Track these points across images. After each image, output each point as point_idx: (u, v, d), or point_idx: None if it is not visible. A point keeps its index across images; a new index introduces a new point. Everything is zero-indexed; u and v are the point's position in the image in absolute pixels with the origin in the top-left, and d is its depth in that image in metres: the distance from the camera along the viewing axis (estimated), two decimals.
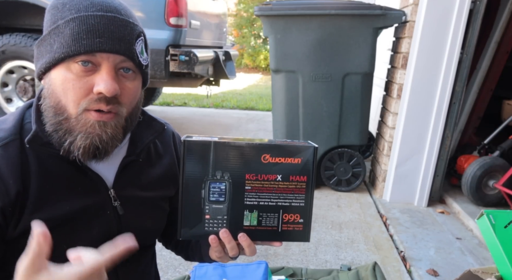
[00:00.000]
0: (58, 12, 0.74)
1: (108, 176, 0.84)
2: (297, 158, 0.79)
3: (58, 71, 0.73)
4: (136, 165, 0.87)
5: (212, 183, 0.79)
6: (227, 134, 4.63)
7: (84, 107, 0.73)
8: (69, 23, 0.71)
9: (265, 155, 0.78)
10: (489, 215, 0.89)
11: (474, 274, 0.88)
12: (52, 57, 0.72)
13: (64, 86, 0.73)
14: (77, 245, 0.80)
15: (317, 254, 2.08)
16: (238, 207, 0.80)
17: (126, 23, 0.75)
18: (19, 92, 3.79)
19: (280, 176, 0.79)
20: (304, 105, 2.82)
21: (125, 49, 0.74)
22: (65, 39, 0.71)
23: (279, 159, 0.78)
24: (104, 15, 0.72)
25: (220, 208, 0.80)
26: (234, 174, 0.78)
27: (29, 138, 0.74)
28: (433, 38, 2.55)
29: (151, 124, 0.91)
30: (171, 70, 3.60)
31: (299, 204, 0.81)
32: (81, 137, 0.74)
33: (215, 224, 0.80)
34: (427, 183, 2.76)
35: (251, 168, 0.78)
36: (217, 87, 4.93)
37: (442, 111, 2.64)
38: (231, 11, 14.63)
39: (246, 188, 0.79)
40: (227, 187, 0.79)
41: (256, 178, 0.79)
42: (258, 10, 2.73)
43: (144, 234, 0.91)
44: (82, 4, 0.73)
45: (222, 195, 0.79)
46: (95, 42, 0.71)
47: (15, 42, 3.59)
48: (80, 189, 0.80)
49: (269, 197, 0.80)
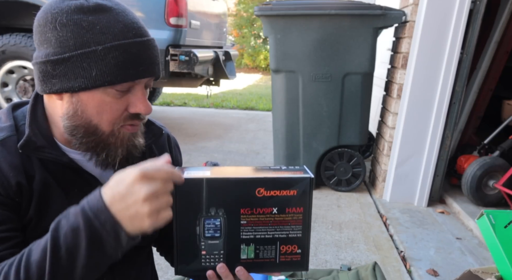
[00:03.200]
0: (87, 32, 0.71)
1: (104, 178, 0.84)
2: (292, 190, 0.77)
3: (93, 94, 0.73)
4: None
5: (206, 220, 0.77)
6: (227, 134, 4.63)
7: (120, 125, 0.76)
8: (111, 51, 0.71)
9: (260, 188, 0.76)
10: (489, 215, 0.89)
11: (474, 274, 0.88)
12: (90, 83, 0.72)
13: (100, 109, 0.74)
14: None
15: (317, 254, 2.08)
16: (234, 241, 0.78)
17: (154, 43, 0.78)
18: (19, 92, 3.79)
19: (276, 209, 0.77)
20: (304, 105, 2.82)
21: (157, 70, 0.78)
22: (108, 68, 0.71)
23: (274, 192, 0.76)
24: (142, 42, 0.74)
25: (216, 244, 0.79)
26: (229, 210, 0.77)
27: (21, 143, 0.74)
28: (433, 38, 2.55)
29: (149, 127, 0.92)
30: (171, 70, 3.60)
31: (296, 235, 0.79)
32: (122, 151, 0.78)
33: (212, 259, 0.80)
34: (427, 183, 2.76)
35: (246, 202, 0.77)
36: (217, 87, 4.93)
37: (442, 111, 2.64)
38: (231, 11, 14.63)
39: (242, 223, 0.78)
40: (222, 223, 0.77)
41: (251, 212, 0.77)
42: (258, 10, 2.73)
43: None
44: (116, 27, 0.72)
45: (218, 231, 0.78)
46: (139, 71, 0.74)
47: (15, 42, 3.59)
48: (77, 191, 0.80)
49: (266, 230, 0.78)
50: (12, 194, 0.73)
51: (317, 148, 2.90)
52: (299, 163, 2.94)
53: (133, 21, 0.75)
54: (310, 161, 2.93)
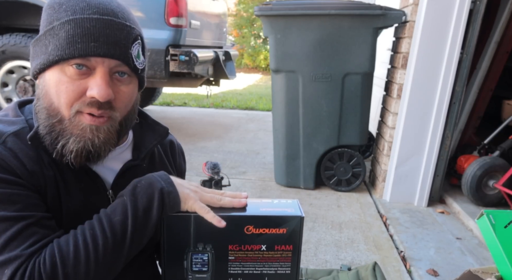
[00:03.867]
0: (54, 12, 0.72)
1: (108, 178, 0.85)
2: (282, 228, 0.76)
3: (52, 73, 0.73)
4: (138, 170, 0.88)
5: (194, 255, 0.77)
6: (227, 134, 4.63)
7: (76, 110, 0.73)
8: (65, 25, 0.70)
9: (248, 226, 0.76)
10: (489, 215, 0.89)
11: (474, 274, 0.88)
12: (46, 59, 0.72)
13: (58, 88, 0.72)
14: None
15: (317, 254, 2.08)
16: (222, 276, 0.78)
17: (123, 26, 0.73)
18: (19, 92, 3.79)
19: (264, 246, 0.77)
20: (304, 105, 2.82)
21: (120, 53, 0.73)
22: (60, 42, 0.70)
23: (263, 230, 0.76)
24: (100, 18, 0.71)
25: (203, 277, 0.79)
26: (217, 245, 0.77)
27: (31, 135, 0.74)
28: (433, 38, 2.55)
29: (155, 128, 0.92)
30: (171, 70, 3.60)
31: (285, 272, 0.78)
32: (73, 141, 0.74)
33: None
34: (427, 183, 2.76)
35: (234, 239, 0.76)
36: (217, 87, 4.94)
37: (442, 111, 2.64)
38: (231, 11, 14.62)
39: (230, 258, 0.77)
40: (210, 258, 0.77)
41: (240, 248, 0.77)
42: (258, 10, 2.73)
43: None
44: (79, 5, 0.72)
45: (205, 265, 0.78)
46: (89, 46, 0.70)
47: (15, 42, 3.59)
48: (83, 186, 0.81)
49: (254, 266, 0.78)
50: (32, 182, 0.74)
51: (317, 148, 2.90)
52: (299, 163, 2.94)
53: (102, 2, 0.73)
54: (310, 161, 2.93)
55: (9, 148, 0.73)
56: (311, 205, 2.71)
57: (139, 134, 0.91)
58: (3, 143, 0.73)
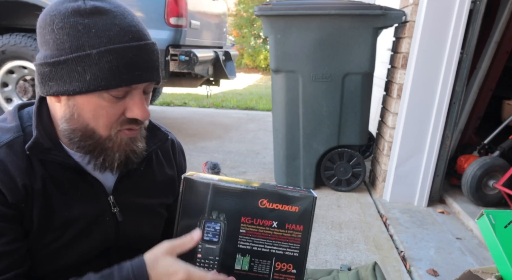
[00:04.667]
0: (82, 36, 0.70)
1: (108, 182, 0.84)
2: (295, 206, 0.77)
3: (88, 98, 0.72)
4: (136, 173, 0.88)
5: (207, 223, 0.78)
6: (227, 134, 4.63)
7: (117, 130, 0.75)
8: (105, 55, 0.69)
9: (263, 200, 0.77)
10: (489, 215, 0.89)
11: (474, 274, 0.88)
12: (84, 87, 0.71)
13: (96, 113, 0.73)
14: (76, 251, 0.81)
15: (317, 254, 2.08)
16: (231, 249, 0.78)
17: (153, 47, 0.76)
18: (19, 92, 3.79)
19: (276, 223, 0.77)
20: (304, 105, 2.82)
21: (156, 75, 0.76)
22: (102, 72, 0.70)
23: (277, 205, 0.77)
24: (139, 46, 0.72)
25: (212, 249, 0.79)
26: (230, 216, 0.78)
27: (29, 145, 0.74)
28: (433, 38, 2.55)
29: (155, 133, 0.91)
30: (171, 70, 3.60)
31: (293, 254, 0.78)
32: (119, 155, 0.77)
33: (206, 264, 0.79)
34: (427, 183, 2.76)
35: (248, 211, 0.77)
36: (217, 87, 4.93)
37: (442, 111, 2.64)
38: (231, 11, 14.62)
39: (241, 231, 0.78)
40: (222, 228, 0.78)
41: (252, 222, 0.78)
42: (258, 10, 2.73)
43: (141, 240, 0.91)
44: (112, 31, 0.70)
45: (216, 236, 0.78)
46: (135, 75, 0.72)
47: (15, 42, 3.59)
48: (81, 194, 0.80)
49: (263, 243, 0.78)
50: (19, 199, 0.73)
51: (317, 148, 2.90)
52: (299, 163, 2.94)
53: (131, 24, 0.73)
54: (310, 161, 2.93)
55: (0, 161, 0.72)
56: None
57: None
58: None
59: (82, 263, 0.83)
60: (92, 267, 0.84)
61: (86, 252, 0.82)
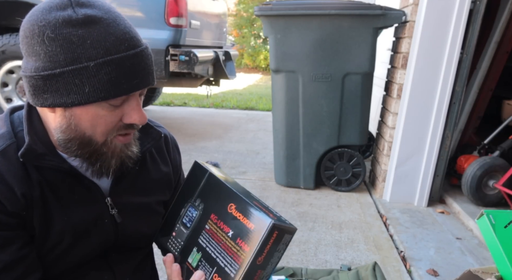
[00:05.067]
0: (77, 47, 0.67)
1: (104, 184, 0.84)
2: (252, 223, 0.73)
3: (87, 109, 0.72)
4: (131, 172, 0.87)
5: (190, 207, 0.82)
6: (227, 134, 4.63)
7: (114, 136, 0.76)
8: (103, 67, 0.68)
9: (232, 204, 0.76)
10: (489, 215, 0.89)
11: (474, 274, 0.88)
12: (83, 99, 0.69)
13: (95, 122, 0.73)
14: (76, 254, 0.81)
15: (317, 254, 2.08)
16: (192, 240, 0.80)
17: (147, 52, 0.75)
18: (19, 92, 3.79)
19: (231, 233, 0.75)
20: (304, 105, 2.82)
21: (152, 80, 0.76)
22: (101, 84, 0.69)
23: (239, 215, 0.75)
24: (136, 54, 0.72)
25: (183, 233, 0.82)
26: (206, 208, 0.79)
27: (22, 152, 0.72)
28: (433, 38, 2.55)
29: (148, 131, 0.91)
30: (171, 70, 3.60)
31: (230, 272, 0.73)
32: (115, 161, 0.78)
33: (174, 244, 0.83)
34: (427, 183, 2.76)
35: (218, 210, 0.78)
36: (217, 87, 4.93)
37: (442, 111, 2.64)
38: (231, 11, 14.62)
39: (205, 227, 0.79)
40: (196, 217, 0.80)
41: (216, 222, 0.77)
42: (258, 10, 2.73)
43: (140, 238, 0.91)
44: (108, 41, 0.69)
45: (190, 222, 0.81)
46: (133, 84, 0.72)
47: (15, 42, 3.59)
48: (78, 198, 0.79)
49: (215, 247, 0.76)
50: (20, 208, 0.72)
51: (317, 148, 2.90)
52: (299, 163, 2.94)
53: (124, 31, 0.71)
54: (310, 161, 2.93)
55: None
56: (311, 205, 2.71)
57: None
58: None
59: (82, 264, 0.83)
60: (91, 267, 0.85)
61: (86, 255, 0.82)
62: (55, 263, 0.79)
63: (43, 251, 0.77)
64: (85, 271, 0.84)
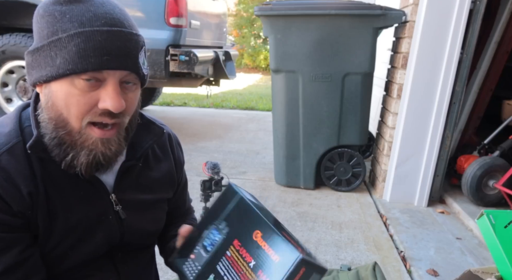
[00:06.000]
0: (57, 22, 0.70)
1: (108, 181, 0.84)
2: (277, 255, 0.67)
3: (60, 84, 0.71)
4: (135, 169, 0.87)
5: (214, 230, 0.77)
6: (227, 134, 4.63)
7: (88, 121, 0.72)
8: (74, 38, 0.68)
9: (258, 231, 0.71)
10: (489, 215, 0.89)
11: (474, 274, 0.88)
12: (54, 71, 0.70)
13: (68, 101, 0.71)
14: (81, 252, 0.81)
15: (317, 254, 2.08)
16: (211, 266, 0.75)
17: (131, 36, 0.73)
18: (19, 92, 3.79)
19: (253, 263, 0.69)
20: (304, 105, 2.82)
21: (132, 64, 0.73)
22: (70, 55, 0.68)
23: (264, 244, 0.69)
24: (110, 31, 0.70)
25: (202, 256, 0.76)
26: (230, 233, 0.74)
27: (30, 144, 0.73)
28: (433, 38, 2.55)
29: (150, 128, 0.91)
30: (171, 70, 3.60)
31: None
32: (85, 153, 0.74)
33: (191, 268, 0.77)
34: (427, 183, 2.76)
35: (243, 236, 0.72)
36: (217, 87, 4.93)
37: (442, 111, 2.64)
38: (231, 11, 14.63)
39: (226, 253, 0.73)
40: (219, 241, 0.75)
41: (239, 249, 0.72)
42: (258, 10, 2.73)
43: (145, 235, 0.91)
44: (85, 16, 0.69)
45: (211, 245, 0.76)
46: (102, 60, 0.69)
47: (15, 42, 3.59)
48: (82, 194, 0.79)
49: (234, 277, 0.71)
50: (25, 207, 0.72)
51: (317, 148, 2.90)
52: (299, 163, 2.94)
53: (108, 11, 0.71)
54: (310, 161, 2.93)
55: (2, 169, 0.71)
56: (311, 205, 2.71)
57: (135, 134, 0.90)
58: None
59: (87, 263, 0.83)
60: (96, 267, 0.84)
61: (91, 253, 0.82)
62: (60, 261, 0.79)
63: (47, 249, 0.77)
64: (90, 271, 0.83)
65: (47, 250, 0.77)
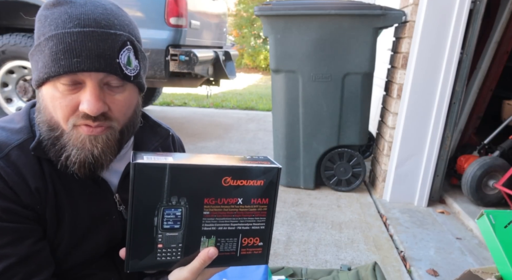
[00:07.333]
0: (41, 26, 0.71)
1: (113, 181, 0.85)
2: (260, 180, 0.74)
3: (46, 88, 0.72)
4: None
5: (166, 210, 0.71)
6: (227, 134, 4.63)
7: (72, 124, 0.72)
8: (48, 42, 0.69)
9: (226, 177, 0.71)
10: (489, 215, 0.89)
11: (474, 274, 0.89)
12: (38, 76, 0.71)
13: (53, 104, 0.72)
14: (84, 250, 0.81)
15: (317, 254, 2.08)
16: (194, 233, 0.73)
17: (106, 36, 0.69)
18: (19, 92, 3.79)
19: (241, 200, 0.73)
20: (304, 105, 2.82)
21: (106, 65, 0.69)
22: (46, 59, 0.69)
23: (241, 181, 0.72)
24: (81, 32, 0.68)
25: (174, 236, 0.73)
26: (191, 199, 0.71)
27: (33, 146, 0.73)
28: (433, 38, 2.55)
29: (156, 130, 0.91)
30: (171, 70, 3.60)
31: (259, 227, 0.76)
32: (75, 153, 0.73)
33: (169, 253, 0.74)
34: (427, 183, 2.76)
35: (210, 192, 0.71)
36: (217, 87, 4.93)
37: (442, 111, 2.64)
38: (231, 11, 14.63)
39: (204, 213, 0.72)
40: (183, 213, 0.72)
41: (216, 202, 0.72)
42: (258, 10, 2.73)
43: None
44: (61, 19, 0.69)
45: (178, 222, 0.72)
46: (72, 62, 0.67)
47: (15, 42, 3.59)
48: (88, 193, 0.80)
49: (229, 221, 0.74)
50: (34, 201, 0.73)
51: (317, 148, 2.90)
52: (299, 163, 2.94)
53: (85, 12, 0.70)
54: (310, 161, 2.93)
55: (12, 163, 0.71)
56: (311, 205, 2.71)
57: (140, 135, 0.90)
58: (6, 156, 0.72)
59: (89, 262, 0.83)
60: (98, 265, 0.85)
61: (94, 251, 0.83)
62: (63, 258, 0.79)
63: (53, 246, 0.77)
64: (91, 270, 0.84)
65: (52, 246, 0.77)
